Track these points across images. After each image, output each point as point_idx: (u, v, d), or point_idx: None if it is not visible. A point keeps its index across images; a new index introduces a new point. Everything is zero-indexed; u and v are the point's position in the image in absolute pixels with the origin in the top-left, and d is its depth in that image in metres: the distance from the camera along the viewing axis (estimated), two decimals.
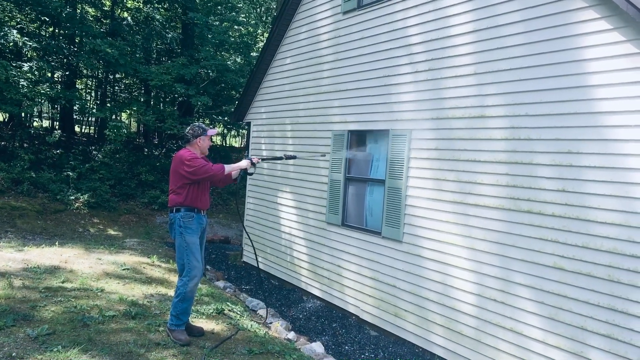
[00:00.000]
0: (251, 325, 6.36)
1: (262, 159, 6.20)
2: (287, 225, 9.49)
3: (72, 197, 12.96)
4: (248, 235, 6.96)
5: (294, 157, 6.12)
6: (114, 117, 17.11)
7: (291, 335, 6.67)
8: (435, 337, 6.47)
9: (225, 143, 24.52)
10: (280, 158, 6.23)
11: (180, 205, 5.34)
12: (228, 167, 5.43)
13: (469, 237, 6.09)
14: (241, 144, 26.80)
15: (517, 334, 5.51)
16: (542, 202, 5.34)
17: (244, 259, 11.01)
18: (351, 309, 7.87)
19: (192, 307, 6.29)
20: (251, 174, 5.84)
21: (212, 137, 5.54)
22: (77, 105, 15.91)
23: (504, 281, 5.68)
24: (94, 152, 16.02)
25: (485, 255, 5.90)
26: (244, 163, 5.63)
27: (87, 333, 5.16)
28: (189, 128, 5.66)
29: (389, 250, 7.22)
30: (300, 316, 8.01)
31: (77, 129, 20.99)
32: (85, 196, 13.04)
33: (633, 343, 4.57)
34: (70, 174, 13.63)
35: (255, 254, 8.08)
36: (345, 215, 8.11)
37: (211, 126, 5.73)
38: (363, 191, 7.83)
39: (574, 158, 5.09)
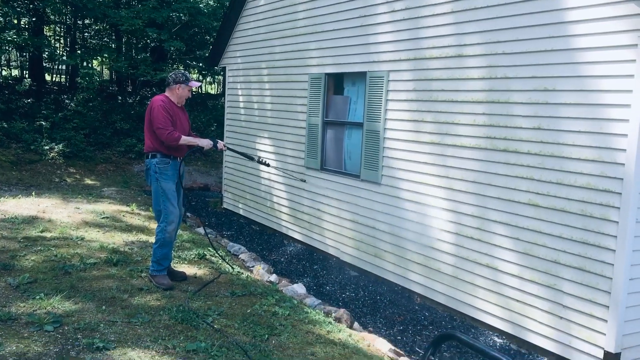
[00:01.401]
0: (233, 269, 6.44)
1: (229, 148, 6.03)
2: (266, 170, 9.48)
3: (47, 147, 12.75)
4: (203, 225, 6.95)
5: (267, 165, 6.01)
6: (85, 64, 16.66)
7: (273, 277, 6.78)
8: (414, 275, 6.63)
9: (201, 90, 24.13)
10: (251, 159, 6.09)
11: (156, 151, 5.31)
12: (184, 140, 5.33)
13: (447, 177, 6.16)
14: (217, 91, 26.42)
15: (493, 270, 5.66)
16: (518, 140, 5.39)
17: (225, 205, 11.03)
18: (331, 251, 7.99)
19: (174, 253, 6.34)
20: (206, 151, 5.70)
21: (193, 89, 5.42)
22: (47, 53, 15.45)
23: (480, 219, 5.79)
24: (67, 101, 15.68)
25: (462, 194, 5.98)
26: (204, 142, 5.48)
27: (69, 280, 5.18)
28: (172, 72, 5.57)
29: (367, 192, 7.29)
30: (282, 260, 8.13)
31: (47, 77, 20.44)
32: (60, 146, 12.83)
33: (604, 274, 4.73)
34: (43, 123, 13.36)
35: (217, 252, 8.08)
36: (324, 160, 8.12)
37: (193, 77, 5.60)
38: (341, 135, 7.82)
39: (550, 95, 5.12)
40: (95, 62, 18.84)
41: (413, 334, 5.76)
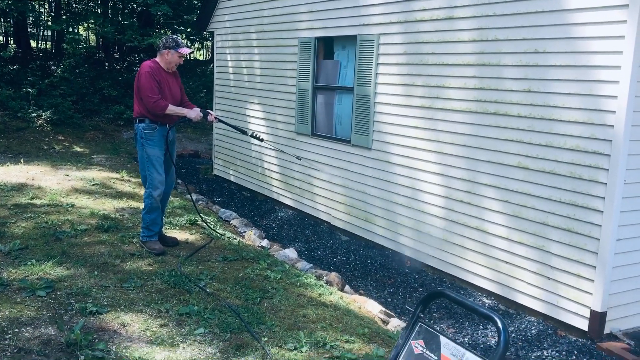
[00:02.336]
0: (225, 234, 6.46)
1: (221, 120, 5.85)
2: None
3: (34, 115, 12.60)
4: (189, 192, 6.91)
5: (261, 140, 5.70)
6: (70, 30, 16.36)
7: (265, 242, 6.82)
8: (404, 239, 6.68)
9: (190, 56, 23.82)
10: (244, 132, 5.91)
11: (143, 116, 5.25)
12: (171, 110, 5.22)
13: (437, 141, 6.16)
14: (206, 57, 26.08)
15: (483, 232, 5.72)
16: (509, 103, 5.39)
17: (215, 172, 11.01)
18: (323, 216, 8.02)
19: (165, 219, 6.35)
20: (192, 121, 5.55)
21: (183, 56, 5.25)
22: (31, 18, 15.13)
23: (470, 183, 5.82)
24: (53, 68, 15.44)
25: (452, 158, 6.00)
26: (192, 113, 5.34)
27: (61, 247, 5.19)
28: (163, 37, 5.47)
29: (358, 157, 7.28)
30: (273, 225, 8.16)
31: (33, 43, 20.07)
32: (48, 113, 12.69)
33: (592, 235, 4.79)
34: (30, 90, 13.18)
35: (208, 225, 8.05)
36: (315, 125, 8.09)
37: (186, 44, 5.37)
38: (332, 100, 7.77)
39: (540, 58, 5.10)
40: (81, 28, 18.51)
41: (403, 296, 5.83)
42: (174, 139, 5.59)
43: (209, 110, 5.52)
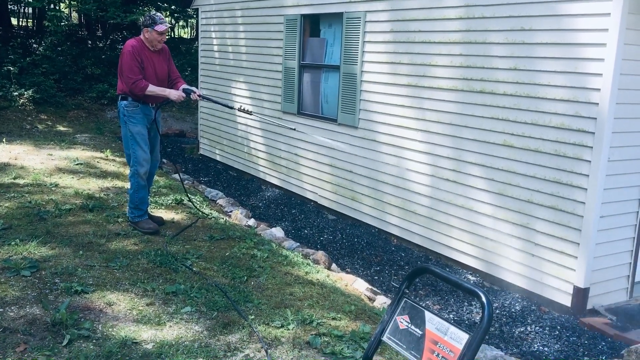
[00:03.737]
0: (211, 214, 6.44)
1: (205, 97, 5.63)
2: (243, 116, 9.37)
3: (16, 93, 12.40)
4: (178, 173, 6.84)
5: (249, 113, 5.48)
6: (52, 7, 16.04)
7: (251, 222, 6.81)
8: (390, 217, 6.71)
9: (174, 34, 23.51)
10: (231, 107, 5.77)
11: (126, 94, 5.18)
12: (151, 90, 5.10)
13: (423, 119, 6.16)
14: (191, 35, 25.76)
15: (468, 210, 5.75)
16: (495, 81, 5.39)
17: (201, 151, 10.94)
18: (309, 196, 8.02)
19: (151, 199, 6.31)
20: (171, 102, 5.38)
21: (162, 33, 5.14)
22: None
23: (456, 161, 5.84)
24: (35, 46, 15.17)
25: (438, 137, 6.00)
26: (173, 94, 5.19)
27: (45, 226, 5.14)
28: (143, 16, 5.37)
29: (345, 136, 7.27)
30: (260, 204, 8.15)
31: (13, 21, 19.68)
32: (30, 91, 12.49)
33: (576, 213, 4.84)
34: (11, 68, 12.94)
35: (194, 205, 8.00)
36: (301, 104, 8.04)
37: (164, 20, 5.11)
38: (318, 78, 7.72)
39: (527, 35, 5.09)
40: (62, 5, 18.15)
41: (389, 273, 5.88)
42: (159, 118, 5.51)
43: (192, 88, 5.37)
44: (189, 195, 6.55)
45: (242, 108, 5.51)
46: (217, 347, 3.39)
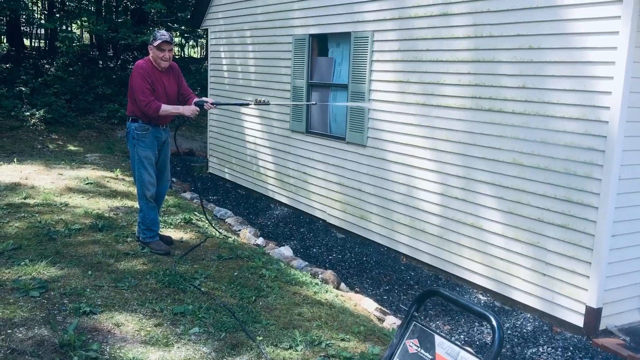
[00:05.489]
0: (219, 233, 6.43)
1: (217, 105, 5.51)
2: (251, 134, 9.42)
3: (28, 113, 12.53)
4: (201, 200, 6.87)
5: (267, 103, 5.38)
6: (64, 28, 16.27)
7: (260, 240, 6.80)
8: (400, 236, 6.67)
9: (184, 54, 23.75)
10: (247, 104, 5.66)
11: (137, 116, 5.16)
12: (165, 110, 5.05)
13: (432, 138, 6.15)
14: (201, 54, 26.01)
15: (478, 229, 5.71)
16: (503, 99, 5.38)
17: (210, 170, 10.98)
18: (318, 214, 8.01)
19: (160, 218, 6.30)
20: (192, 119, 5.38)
21: (163, 48, 5.06)
22: (24, 16, 15.04)
23: (465, 179, 5.81)
24: (47, 66, 15.36)
25: (447, 155, 5.98)
26: (187, 110, 5.14)
27: (54, 246, 5.15)
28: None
29: (353, 155, 7.27)
30: (269, 223, 8.14)
31: (26, 42, 19.97)
32: (41, 112, 12.62)
33: (587, 232, 4.79)
34: (23, 89, 13.10)
35: (205, 215, 8.03)
36: (310, 123, 8.06)
37: (163, 34, 5.11)
38: (326, 97, 7.75)
39: (535, 54, 5.08)
40: (74, 26, 18.43)
41: (399, 293, 5.82)
42: (168, 139, 5.50)
43: (204, 99, 5.32)
44: (207, 217, 6.54)
45: (257, 101, 5.40)
46: None
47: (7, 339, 3.41)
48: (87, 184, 7.85)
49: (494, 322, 1.81)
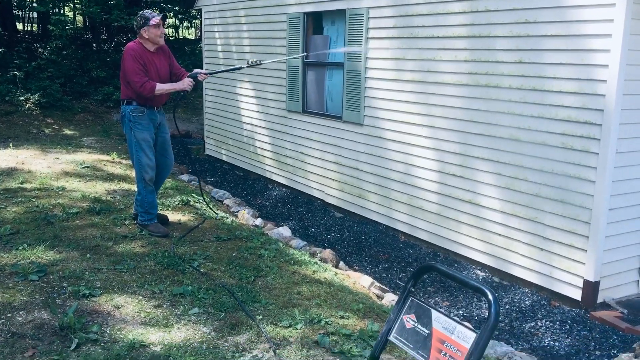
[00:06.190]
0: (218, 214, 6.44)
1: (211, 73, 5.59)
2: (247, 115, 9.38)
3: (22, 98, 12.45)
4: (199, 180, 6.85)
5: (259, 63, 5.40)
6: (56, 11, 16.10)
7: (258, 221, 6.80)
8: (398, 214, 6.68)
9: (179, 36, 23.55)
10: (240, 68, 5.70)
11: (131, 98, 5.13)
12: (160, 89, 5.05)
13: (429, 115, 6.12)
14: (195, 36, 25.79)
15: (476, 206, 5.71)
16: (500, 75, 5.34)
17: (207, 152, 10.95)
18: (316, 194, 8.01)
19: (157, 200, 6.31)
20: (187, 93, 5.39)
21: (159, 25, 5.08)
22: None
23: (463, 156, 5.80)
24: (40, 50, 15.23)
25: (444, 132, 5.97)
26: (182, 85, 5.16)
27: (52, 230, 5.15)
28: (134, 19, 5.31)
29: (350, 134, 7.24)
30: (267, 204, 8.14)
31: (18, 26, 19.77)
32: (36, 96, 12.54)
33: (584, 206, 4.80)
34: (17, 73, 13.00)
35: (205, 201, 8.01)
36: (306, 102, 8.02)
37: (154, 13, 5.14)
38: (322, 76, 7.70)
39: (531, 28, 5.04)
40: (67, 9, 18.23)
41: (398, 270, 5.85)
42: (163, 121, 5.48)
43: (197, 71, 5.33)
44: (205, 198, 6.54)
45: (250, 62, 5.43)
46: (225, 348, 3.38)
47: (7, 323, 3.43)
48: (84, 167, 7.83)
49: (490, 297, 1.82)
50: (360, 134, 7.07)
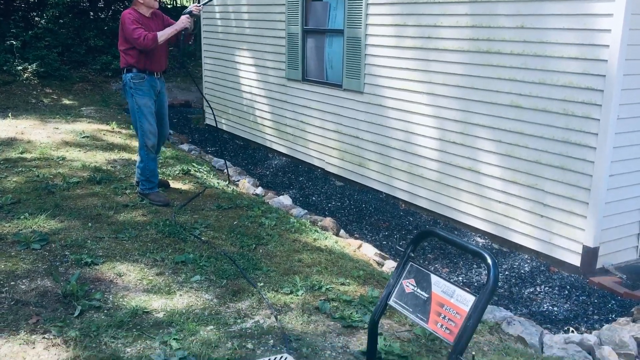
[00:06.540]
0: (218, 183, 6.45)
1: (203, 4, 5.70)
2: (247, 84, 9.31)
3: (20, 68, 12.35)
4: (203, 95, 6.82)
5: None
6: None
7: (259, 190, 6.82)
8: (398, 182, 6.68)
9: (176, 3, 23.24)
10: None
11: (130, 66, 5.20)
12: (163, 35, 5.15)
13: (430, 82, 6.07)
14: (193, 3, 25.43)
15: (477, 173, 5.71)
16: (501, 40, 5.28)
17: (207, 121, 10.90)
18: (316, 163, 8.00)
19: (158, 169, 6.32)
20: (193, 32, 5.49)
21: None
22: None
23: (463, 124, 5.77)
24: (37, 19, 15.03)
25: (445, 99, 5.93)
26: (180, 23, 5.25)
27: (53, 200, 5.17)
28: None
29: (350, 102, 7.20)
30: (267, 173, 8.14)
31: None
32: (34, 65, 12.43)
33: (585, 172, 4.79)
34: (14, 42, 12.86)
35: (213, 114, 7.99)
36: (305, 70, 7.95)
37: None
38: (322, 43, 7.61)
39: None
40: None
41: (398, 238, 5.88)
42: (163, 89, 5.50)
43: (190, 7, 5.41)
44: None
45: None
46: (227, 314, 3.42)
47: (11, 291, 3.46)
48: (84, 137, 7.81)
49: (489, 260, 1.83)
50: (361, 102, 7.03)
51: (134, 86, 5.21)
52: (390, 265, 4.92)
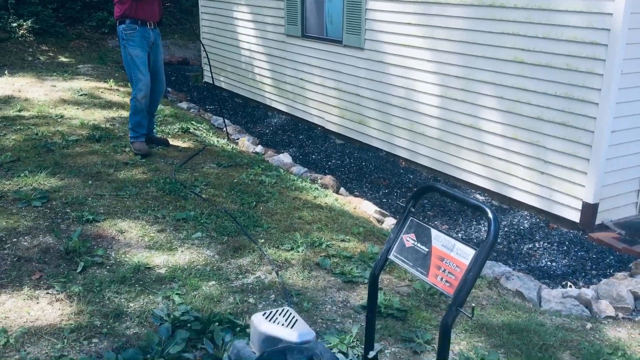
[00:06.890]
0: (218, 142, 6.42)
1: None
2: (246, 41, 9.17)
3: (15, 24, 12.15)
4: (203, 46, 6.73)
5: None
6: None
7: (259, 148, 6.80)
8: (399, 140, 6.65)
9: None
10: None
11: (124, 17, 5.21)
12: None
13: (432, 38, 5.97)
14: None
15: (478, 130, 5.68)
16: None
17: (205, 79, 10.79)
18: (316, 121, 7.95)
19: (157, 128, 6.30)
20: None
21: None
22: None
23: (465, 80, 5.71)
24: None
25: (447, 55, 5.84)
26: None
27: (53, 157, 5.15)
28: None
29: (350, 58, 7.10)
30: (267, 131, 8.10)
31: None
32: (29, 22, 12.23)
33: (587, 128, 4.76)
34: None
35: (210, 71, 7.88)
36: (305, 26, 7.82)
37: None
38: (322, 0, 7.47)
39: None
40: None
41: (398, 196, 5.89)
42: (158, 41, 5.46)
43: None
44: (227, 128, 6.54)
45: None
46: (229, 270, 3.45)
47: (13, 247, 3.48)
48: (81, 95, 7.74)
49: (490, 214, 1.82)
50: (361, 59, 6.93)
51: (126, 37, 5.24)
52: (390, 223, 4.94)
